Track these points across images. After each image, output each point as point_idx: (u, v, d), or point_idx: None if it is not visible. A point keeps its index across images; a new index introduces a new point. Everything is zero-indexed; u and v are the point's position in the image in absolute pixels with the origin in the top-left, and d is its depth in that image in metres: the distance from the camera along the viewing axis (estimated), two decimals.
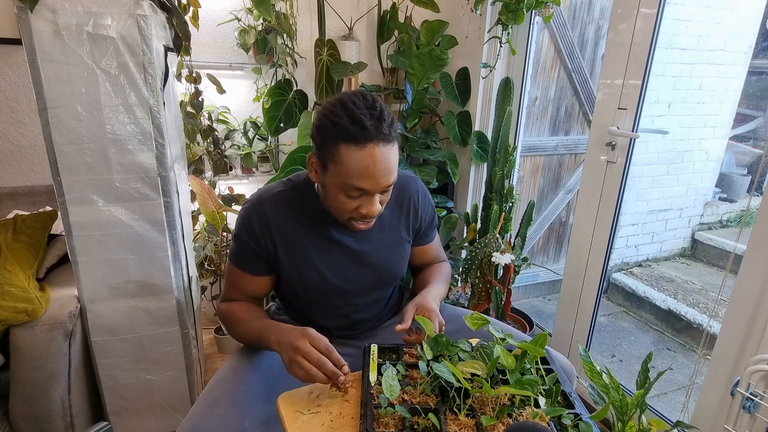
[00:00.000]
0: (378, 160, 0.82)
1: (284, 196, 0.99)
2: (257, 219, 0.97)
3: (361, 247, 1.02)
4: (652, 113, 2.86)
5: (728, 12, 2.86)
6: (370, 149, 0.82)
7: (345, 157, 0.82)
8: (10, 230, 1.41)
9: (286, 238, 0.98)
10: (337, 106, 0.84)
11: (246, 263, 1.00)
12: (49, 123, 1.18)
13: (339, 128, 0.82)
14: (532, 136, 2.62)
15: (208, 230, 1.95)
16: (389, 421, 0.71)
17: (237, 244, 0.99)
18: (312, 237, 0.99)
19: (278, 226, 0.97)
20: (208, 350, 2.06)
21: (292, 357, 0.80)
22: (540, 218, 2.81)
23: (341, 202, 0.88)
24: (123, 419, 1.48)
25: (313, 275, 1.00)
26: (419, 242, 1.14)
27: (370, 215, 0.90)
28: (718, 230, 3.39)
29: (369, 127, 0.81)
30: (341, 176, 0.84)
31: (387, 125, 0.84)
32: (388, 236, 1.05)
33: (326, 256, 1.00)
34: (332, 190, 0.88)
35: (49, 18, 1.12)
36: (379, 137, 0.82)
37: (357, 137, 0.81)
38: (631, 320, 2.84)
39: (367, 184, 0.84)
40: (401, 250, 1.09)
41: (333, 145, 0.83)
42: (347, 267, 1.02)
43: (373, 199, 0.88)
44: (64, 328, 1.25)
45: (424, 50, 1.87)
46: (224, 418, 0.84)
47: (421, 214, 1.09)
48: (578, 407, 0.75)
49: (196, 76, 1.94)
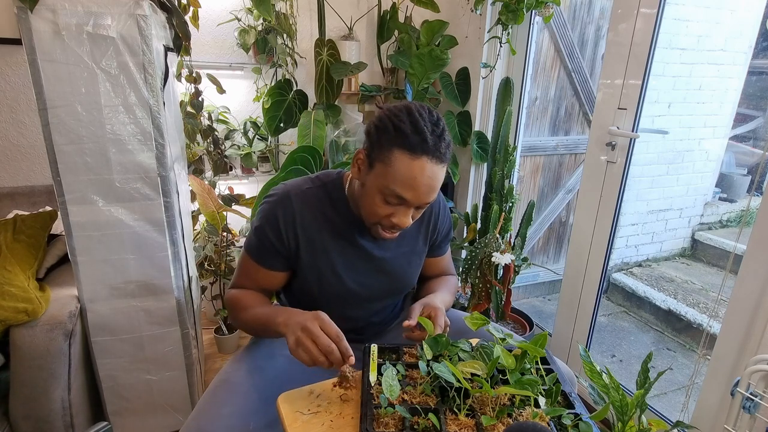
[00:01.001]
0: (427, 175, 0.83)
1: (312, 194, 0.98)
2: (283, 214, 0.95)
3: (381, 254, 1.02)
4: (652, 113, 2.86)
5: (728, 12, 2.86)
6: (422, 162, 0.82)
7: (397, 162, 0.82)
8: (10, 230, 1.41)
9: (311, 238, 0.96)
10: (403, 111, 0.84)
11: (263, 257, 0.98)
12: (49, 123, 1.18)
13: (400, 133, 0.82)
14: (532, 136, 2.62)
15: (208, 230, 1.95)
16: (389, 421, 0.71)
17: (257, 237, 0.97)
18: (336, 240, 0.98)
19: (304, 224, 0.96)
20: (208, 350, 2.06)
21: (300, 338, 0.78)
22: (540, 218, 2.81)
23: (376, 205, 0.88)
24: (123, 419, 1.48)
25: (332, 278, 0.99)
26: (432, 254, 1.14)
27: (400, 226, 0.89)
28: (718, 230, 3.39)
29: (428, 140, 0.82)
30: (386, 179, 0.84)
31: (445, 145, 0.84)
32: (407, 246, 1.05)
33: (347, 261, 0.99)
34: (372, 190, 0.88)
35: (49, 18, 1.11)
36: (435, 154, 0.82)
37: (414, 147, 0.81)
38: (631, 320, 2.84)
39: (408, 194, 0.84)
40: (417, 260, 1.09)
41: (388, 148, 0.83)
42: (366, 273, 1.02)
43: (408, 211, 0.88)
44: (64, 328, 1.25)
45: (424, 50, 1.87)
46: (229, 419, 0.84)
47: (440, 227, 1.10)
48: (578, 407, 0.75)
49: (196, 76, 1.94)
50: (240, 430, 0.83)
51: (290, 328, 0.81)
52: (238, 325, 1.01)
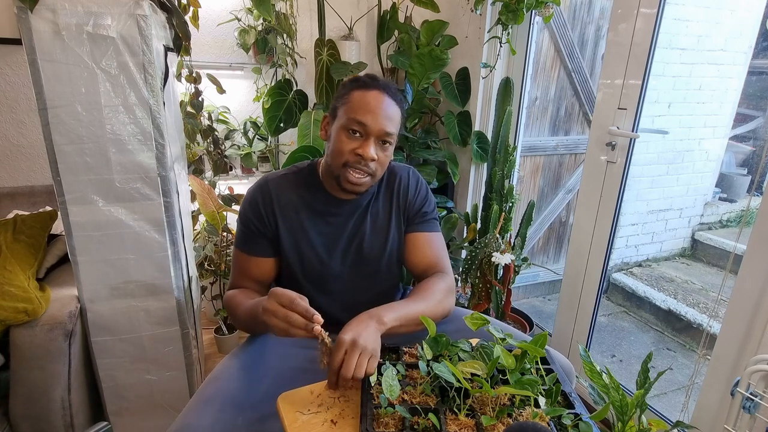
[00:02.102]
0: (381, 102, 0.96)
1: (288, 179, 1.08)
2: (262, 198, 1.04)
3: (356, 232, 1.08)
4: (652, 113, 2.86)
5: (728, 12, 2.86)
6: (375, 93, 0.96)
7: (354, 98, 0.96)
8: (10, 230, 1.41)
9: (289, 218, 1.05)
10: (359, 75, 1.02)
11: (250, 245, 1.05)
12: (49, 123, 1.18)
13: (355, 81, 0.99)
14: (532, 136, 2.61)
15: (208, 230, 1.95)
16: (389, 421, 0.71)
17: (242, 225, 1.06)
18: (313, 218, 1.06)
19: (282, 205, 1.04)
20: (208, 350, 2.06)
21: (266, 321, 0.80)
22: (540, 218, 2.81)
23: (342, 142, 0.97)
24: (123, 419, 1.48)
25: (312, 256, 1.06)
26: (410, 228, 1.12)
27: (365, 156, 0.96)
28: (718, 230, 3.40)
29: (379, 80, 0.99)
30: (347, 113, 0.96)
31: (394, 88, 1.00)
32: (382, 223, 1.11)
33: (325, 239, 1.07)
34: (337, 134, 0.98)
35: (49, 18, 1.11)
36: (386, 90, 0.98)
37: (368, 84, 0.98)
38: (631, 320, 2.84)
39: (368, 119, 0.95)
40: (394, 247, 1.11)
41: (346, 94, 0.98)
42: (344, 253, 1.08)
43: (370, 141, 0.96)
44: (64, 328, 1.25)
45: (424, 50, 1.87)
46: (216, 415, 0.84)
47: (410, 199, 1.11)
48: (578, 407, 0.75)
49: (196, 76, 1.94)
50: (228, 425, 0.83)
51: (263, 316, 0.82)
52: (237, 325, 1.04)
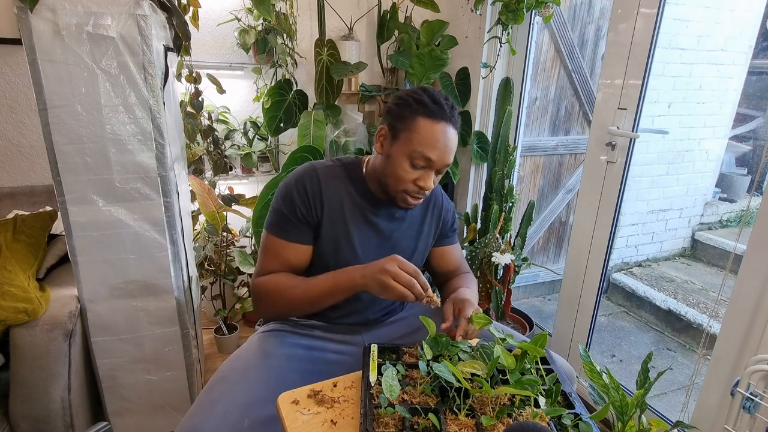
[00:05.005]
0: (447, 137, 0.96)
1: (334, 170, 1.06)
2: (310, 182, 1.02)
3: (391, 232, 1.09)
4: (652, 113, 2.86)
5: (728, 12, 2.86)
6: (443, 126, 0.95)
7: (422, 128, 0.95)
8: (10, 230, 1.41)
9: (333, 208, 1.03)
10: (419, 90, 0.99)
11: (291, 231, 1.02)
12: (49, 123, 1.18)
13: (421, 104, 0.95)
14: (532, 136, 2.62)
15: (208, 230, 1.95)
16: (389, 421, 0.71)
17: (286, 209, 1.02)
18: (353, 214, 1.05)
19: (329, 194, 1.03)
20: (208, 350, 2.06)
21: (383, 280, 0.87)
22: (540, 218, 2.81)
23: (404, 171, 0.97)
24: (123, 419, 1.48)
25: (347, 249, 1.05)
26: (441, 242, 1.21)
27: (426, 188, 0.98)
28: (718, 230, 3.40)
29: (445, 108, 0.96)
30: (413, 144, 0.95)
31: (456, 115, 0.99)
32: (414, 229, 1.14)
33: (362, 234, 1.06)
34: (399, 159, 0.97)
35: (49, 18, 1.11)
36: (451, 121, 0.97)
37: (435, 114, 0.95)
38: (631, 320, 2.84)
39: (434, 154, 0.95)
40: (423, 245, 1.16)
41: (411, 117, 0.95)
42: (376, 249, 1.08)
43: (431, 174, 0.98)
44: (64, 328, 1.25)
45: (424, 50, 1.87)
46: (223, 417, 0.84)
47: (444, 216, 1.19)
48: (578, 407, 0.75)
49: (196, 76, 1.94)
50: (235, 427, 0.83)
51: (369, 277, 0.90)
52: (277, 309, 1.03)
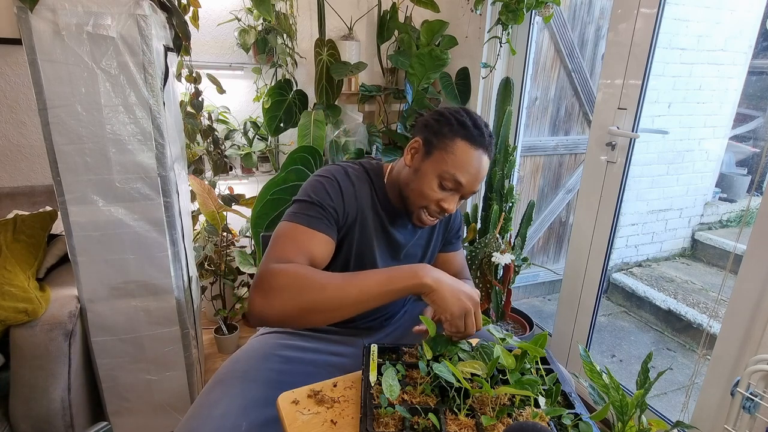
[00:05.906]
0: (482, 165, 0.95)
1: (361, 174, 1.05)
2: (346, 185, 0.99)
3: (403, 241, 1.09)
4: (652, 113, 2.86)
5: (728, 12, 2.86)
6: (480, 153, 0.94)
7: (459, 151, 0.93)
8: (10, 230, 1.41)
9: (361, 213, 1.01)
10: (462, 111, 0.97)
11: (318, 223, 0.92)
12: (49, 123, 1.18)
13: (463, 127, 0.94)
14: (532, 136, 2.61)
15: (208, 230, 1.95)
16: (389, 421, 0.71)
17: (317, 202, 0.93)
18: (375, 218, 1.05)
19: (360, 198, 1.01)
20: (208, 350, 2.06)
21: (469, 308, 0.82)
22: (540, 218, 2.81)
23: (431, 189, 0.95)
24: (123, 419, 1.48)
25: (369, 257, 1.04)
26: (445, 249, 1.21)
27: (448, 211, 0.97)
28: (718, 230, 3.40)
29: (485, 136, 0.95)
30: (446, 164, 0.93)
31: (493, 145, 0.99)
32: (423, 238, 1.14)
33: (379, 240, 1.06)
34: (428, 176, 0.95)
35: (49, 18, 1.11)
36: (488, 149, 0.96)
37: (476, 140, 0.94)
38: (631, 320, 2.84)
39: (465, 179, 0.94)
40: (430, 253, 1.17)
41: (450, 137, 0.94)
42: (390, 257, 1.09)
43: (456, 197, 0.97)
44: (64, 328, 1.25)
45: (424, 50, 1.87)
46: (222, 420, 0.84)
47: (452, 223, 1.19)
48: (578, 407, 0.75)
49: (196, 76, 1.94)
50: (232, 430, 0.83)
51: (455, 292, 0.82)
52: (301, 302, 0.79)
